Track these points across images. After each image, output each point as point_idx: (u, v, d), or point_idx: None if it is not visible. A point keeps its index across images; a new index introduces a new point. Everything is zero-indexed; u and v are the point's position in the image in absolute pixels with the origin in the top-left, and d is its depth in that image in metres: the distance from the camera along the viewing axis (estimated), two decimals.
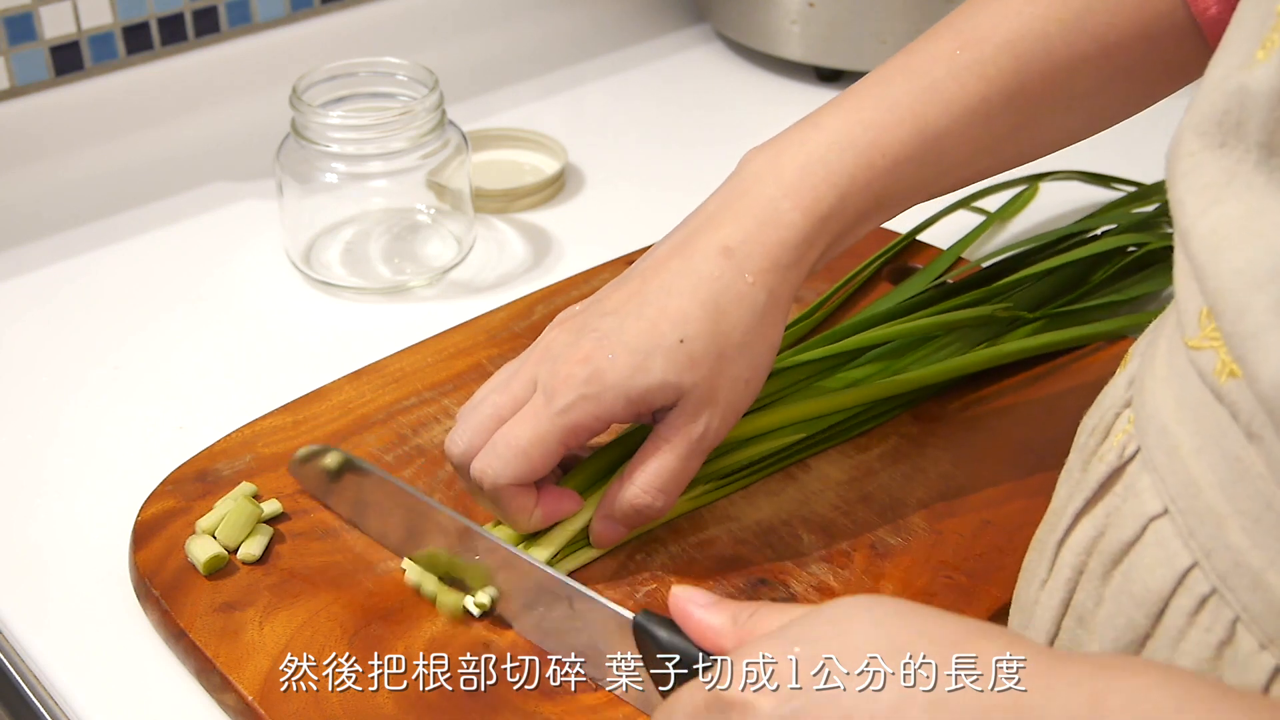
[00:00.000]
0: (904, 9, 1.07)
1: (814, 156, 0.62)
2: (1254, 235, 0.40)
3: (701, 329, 0.60)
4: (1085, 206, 0.94)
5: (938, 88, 0.62)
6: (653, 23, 1.23)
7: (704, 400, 0.61)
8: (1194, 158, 0.43)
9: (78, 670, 0.62)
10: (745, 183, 0.63)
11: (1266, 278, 0.39)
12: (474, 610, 0.61)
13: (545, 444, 0.60)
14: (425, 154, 0.86)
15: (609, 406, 0.60)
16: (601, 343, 0.60)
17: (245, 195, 0.98)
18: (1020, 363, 0.77)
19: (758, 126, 1.09)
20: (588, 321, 0.62)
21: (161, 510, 0.67)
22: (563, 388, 0.60)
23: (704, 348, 0.60)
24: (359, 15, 1.09)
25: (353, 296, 0.87)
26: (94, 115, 0.99)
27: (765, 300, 0.61)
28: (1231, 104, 0.42)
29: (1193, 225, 0.43)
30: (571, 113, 1.10)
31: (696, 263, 0.61)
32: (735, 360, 0.61)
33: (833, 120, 0.63)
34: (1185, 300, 0.45)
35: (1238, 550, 0.43)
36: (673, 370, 0.60)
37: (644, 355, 0.60)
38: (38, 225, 0.94)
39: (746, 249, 0.61)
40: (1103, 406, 0.54)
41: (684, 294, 0.61)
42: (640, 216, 0.94)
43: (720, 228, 0.62)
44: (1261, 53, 0.42)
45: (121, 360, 0.82)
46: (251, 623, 0.61)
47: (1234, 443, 0.43)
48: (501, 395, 0.62)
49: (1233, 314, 0.40)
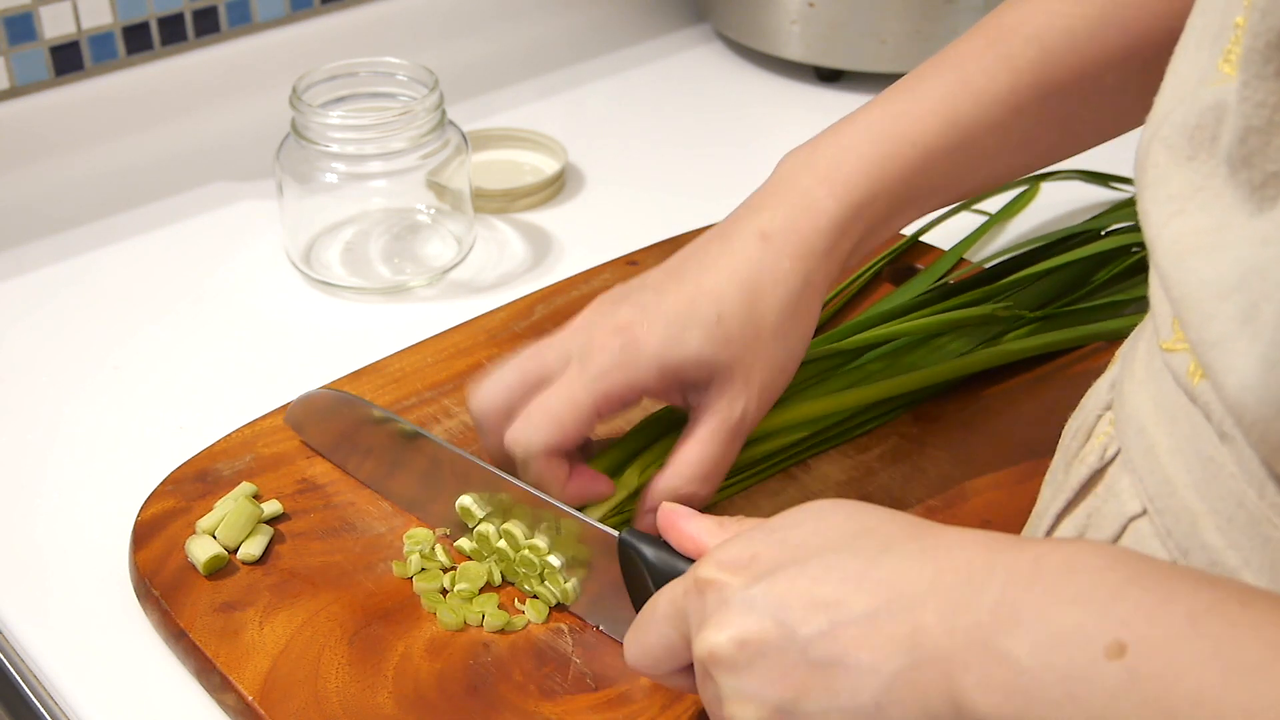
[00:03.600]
0: (904, 9, 1.07)
1: (848, 147, 0.64)
2: (1220, 247, 0.40)
3: (738, 308, 0.61)
4: (1086, 206, 0.94)
5: (968, 80, 0.64)
6: (653, 23, 1.23)
7: (739, 380, 0.61)
8: (1159, 169, 0.44)
9: (78, 670, 0.62)
10: (783, 176, 0.65)
11: (1231, 288, 0.39)
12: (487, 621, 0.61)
13: (578, 410, 0.60)
14: (425, 154, 0.86)
15: (643, 376, 0.61)
16: (639, 313, 0.61)
17: (245, 195, 0.98)
18: (1021, 363, 0.77)
19: (757, 126, 1.09)
20: (626, 295, 0.63)
21: (161, 510, 0.67)
22: (598, 355, 0.61)
23: (740, 327, 0.61)
24: (359, 15, 1.09)
25: (353, 296, 0.87)
26: (94, 115, 0.99)
27: (801, 285, 0.62)
28: (1206, 119, 0.43)
29: (1157, 235, 0.43)
30: (571, 113, 1.10)
31: (735, 246, 0.63)
32: (770, 343, 0.62)
33: (866, 117, 0.65)
34: (1158, 304, 0.45)
35: (1213, 549, 0.44)
36: (709, 345, 0.61)
37: (681, 327, 0.61)
38: (38, 225, 0.94)
39: (783, 234, 0.62)
40: (1086, 409, 0.55)
41: (722, 273, 0.62)
42: (640, 216, 0.94)
43: (758, 214, 0.63)
44: (1227, 66, 0.42)
45: (121, 360, 0.82)
46: (251, 623, 0.61)
47: (1207, 443, 0.44)
48: (532, 360, 0.63)
49: (1198, 322, 0.40)
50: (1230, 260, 0.40)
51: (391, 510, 0.67)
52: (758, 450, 0.68)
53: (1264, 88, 0.38)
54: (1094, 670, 0.39)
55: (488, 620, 0.61)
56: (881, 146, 0.63)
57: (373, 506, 0.67)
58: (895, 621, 0.43)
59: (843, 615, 0.44)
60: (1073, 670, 0.39)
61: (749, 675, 0.46)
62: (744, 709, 0.46)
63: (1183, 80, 0.46)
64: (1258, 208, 0.39)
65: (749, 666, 0.46)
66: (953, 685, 0.41)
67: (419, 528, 0.66)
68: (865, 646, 0.43)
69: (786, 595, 0.46)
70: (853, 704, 0.44)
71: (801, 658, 0.45)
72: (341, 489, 0.68)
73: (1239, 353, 0.39)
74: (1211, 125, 0.42)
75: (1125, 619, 0.39)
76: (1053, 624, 0.40)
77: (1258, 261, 0.39)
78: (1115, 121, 0.67)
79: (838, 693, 0.44)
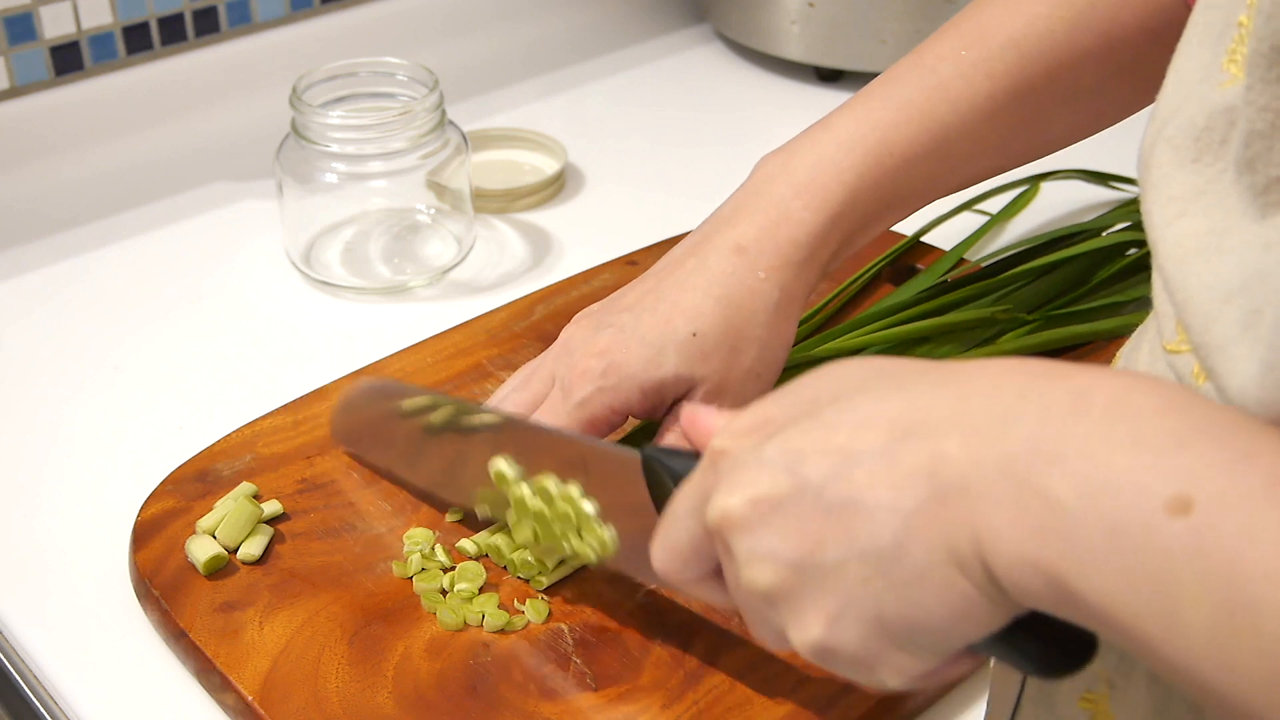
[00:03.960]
0: (904, 9, 1.07)
1: (824, 156, 0.63)
2: (1222, 251, 0.40)
3: (714, 323, 0.61)
4: (1086, 206, 0.94)
5: (945, 86, 0.63)
6: (653, 23, 1.23)
7: (717, 392, 0.62)
8: (1163, 170, 0.44)
9: (78, 670, 0.62)
10: (758, 184, 0.65)
11: (1234, 292, 0.39)
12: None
13: None
14: (425, 154, 0.86)
15: (625, 398, 0.61)
16: (617, 337, 0.62)
17: (245, 195, 0.98)
18: None
19: (757, 126, 1.09)
20: (604, 318, 0.64)
21: (161, 510, 0.67)
22: (580, 381, 0.62)
23: (716, 341, 0.61)
24: (359, 15, 1.09)
25: (353, 296, 0.87)
26: (94, 115, 0.99)
27: (778, 296, 0.62)
28: (1216, 121, 0.42)
29: (1160, 237, 0.43)
30: (571, 113, 1.10)
31: (710, 260, 0.63)
32: (747, 354, 0.62)
33: (842, 121, 0.64)
34: (1162, 306, 0.45)
35: None
36: (685, 363, 0.61)
37: (657, 349, 0.61)
38: (38, 225, 0.94)
39: (759, 247, 0.62)
40: None
41: (698, 290, 0.62)
42: (640, 216, 0.94)
43: (734, 227, 0.63)
44: (1232, 66, 0.42)
45: (121, 360, 0.82)
46: (251, 623, 0.61)
47: None
48: (521, 393, 0.64)
49: (1200, 326, 0.40)
50: (1232, 265, 0.40)
51: (391, 510, 0.67)
52: None
53: (1268, 92, 0.38)
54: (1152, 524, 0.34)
55: (488, 620, 0.61)
56: (858, 155, 0.63)
57: (373, 506, 0.67)
58: (913, 454, 0.40)
59: (856, 454, 0.41)
60: (1126, 521, 0.35)
61: (764, 533, 0.43)
62: (760, 571, 0.43)
63: (1185, 79, 0.45)
64: (1261, 213, 0.39)
65: (763, 524, 0.43)
66: (979, 522, 0.38)
67: (419, 528, 0.66)
68: (881, 484, 0.40)
69: (800, 446, 0.43)
70: (872, 547, 0.40)
71: (816, 506, 0.41)
72: (342, 489, 0.68)
73: (1241, 357, 0.39)
74: (1222, 128, 0.42)
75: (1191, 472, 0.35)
76: (1103, 466, 0.36)
77: (1260, 266, 0.38)
78: (1091, 122, 0.67)
79: (855, 538, 0.40)
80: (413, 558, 0.64)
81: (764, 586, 0.43)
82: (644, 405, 0.62)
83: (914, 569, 0.40)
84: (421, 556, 0.64)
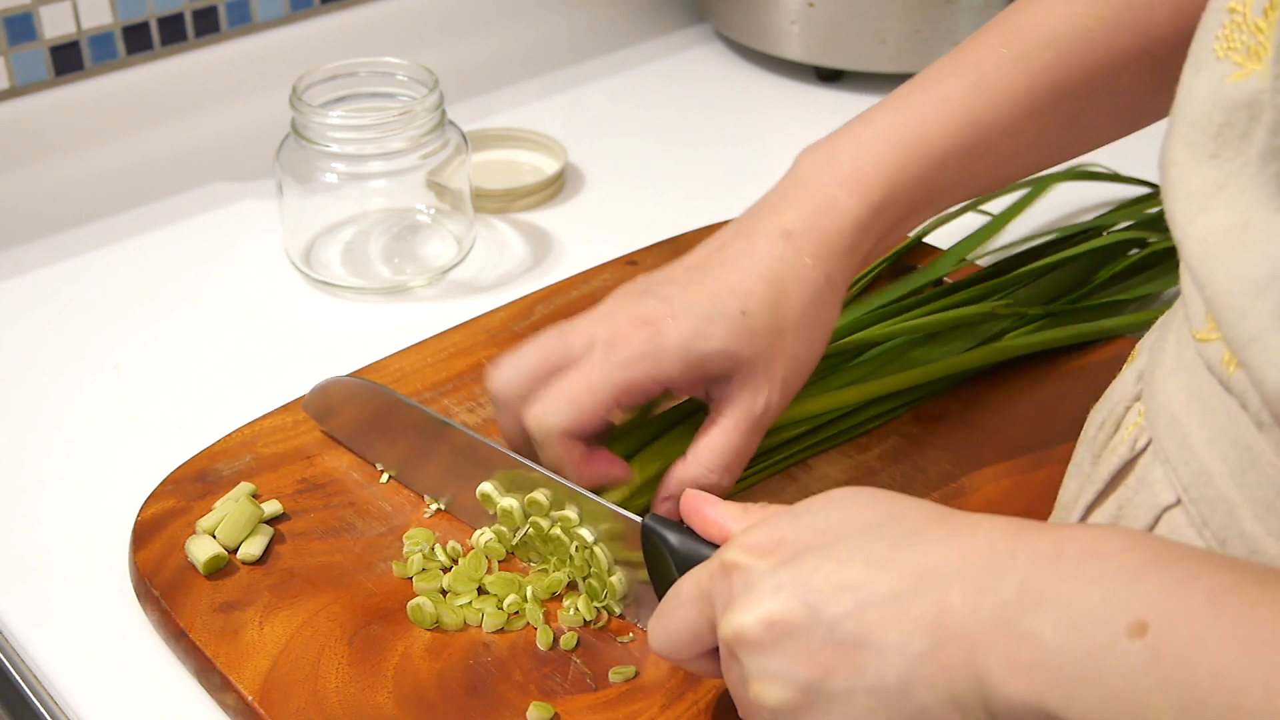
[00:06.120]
0: (904, 9, 1.07)
1: (867, 148, 0.64)
2: (1248, 244, 0.41)
3: (763, 304, 0.62)
4: (1090, 205, 0.94)
5: (985, 82, 0.64)
6: (653, 23, 1.23)
7: (762, 374, 0.62)
8: (1179, 167, 0.44)
9: (78, 670, 0.62)
10: (803, 173, 0.65)
11: (1265, 284, 0.40)
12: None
13: (598, 395, 0.61)
14: (425, 154, 0.86)
15: (667, 368, 0.61)
16: (664, 306, 0.62)
17: (245, 195, 0.98)
18: (1021, 362, 0.77)
19: (757, 126, 1.09)
20: (650, 288, 0.64)
21: (161, 510, 0.67)
22: (624, 344, 0.61)
23: (764, 322, 0.62)
24: (359, 15, 1.09)
25: (353, 296, 0.87)
26: (94, 115, 0.99)
27: (823, 283, 0.63)
28: (1236, 116, 0.43)
29: (1184, 233, 0.44)
30: (571, 113, 1.10)
31: (758, 244, 0.63)
32: (793, 339, 0.63)
33: (884, 116, 0.65)
34: (1190, 295, 0.45)
35: (1252, 538, 0.44)
36: (734, 339, 0.61)
37: (706, 321, 0.61)
38: (38, 225, 0.94)
39: (806, 233, 0.63)
40: (1111, 400, 0.54)
41: (747, 270, 0.62)
42: (640, 216, 0.94)
43: (780, 214, 0.64)
44: (1236, 55, 0.42)
45: (121, 360, 0.82)
46: (251, 623, 0.61)
47: (1244, 431, 0.44)
48: (555, 343, 0.63)
49: (1233, 318, 0.41)
50: (1260, 257, 0.40)
51: (391, 510, 0.67)
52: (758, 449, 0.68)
53: None
54: (1116, 649, 0.39)
55: (487, 620, 0.61)
56: (901, 148, 0.64)
57: (372, 506, 0.67)
58: (921, 602, 0.44)
59: (869, 596, 0.45)
60: (1094, 649, 0.39)
61: (775, 655, 0.46)
62: (770, 689, 0.47)
63: (1203, 78, 0.46)
64: None
65: (775, 647, 0.46)
66: (977, 665, 0.42)
67: (419, 528, 0.66)
68: (891, 627, 0.44)
69: (813, 577, 0.46)
70: (879, 683, 0.44)
71: (828, 638, 0.45)
72: (342, 489, 0.68)
73: (1277, 349, 0.39)
74: (1243, 122, 0.42)
75: (1146, 598, 0.39)
76: (1075, 604, 0.40)
77: None
78: (1129, 121, 0.68)
79: (864, 673, 0.44)
80: (413, 558, 0.64)
81: (772, 703, 0.47)
82: (684, 378, 0.61)
83: (917, 706, 0.44)
84: (422, 556, 0.64)
